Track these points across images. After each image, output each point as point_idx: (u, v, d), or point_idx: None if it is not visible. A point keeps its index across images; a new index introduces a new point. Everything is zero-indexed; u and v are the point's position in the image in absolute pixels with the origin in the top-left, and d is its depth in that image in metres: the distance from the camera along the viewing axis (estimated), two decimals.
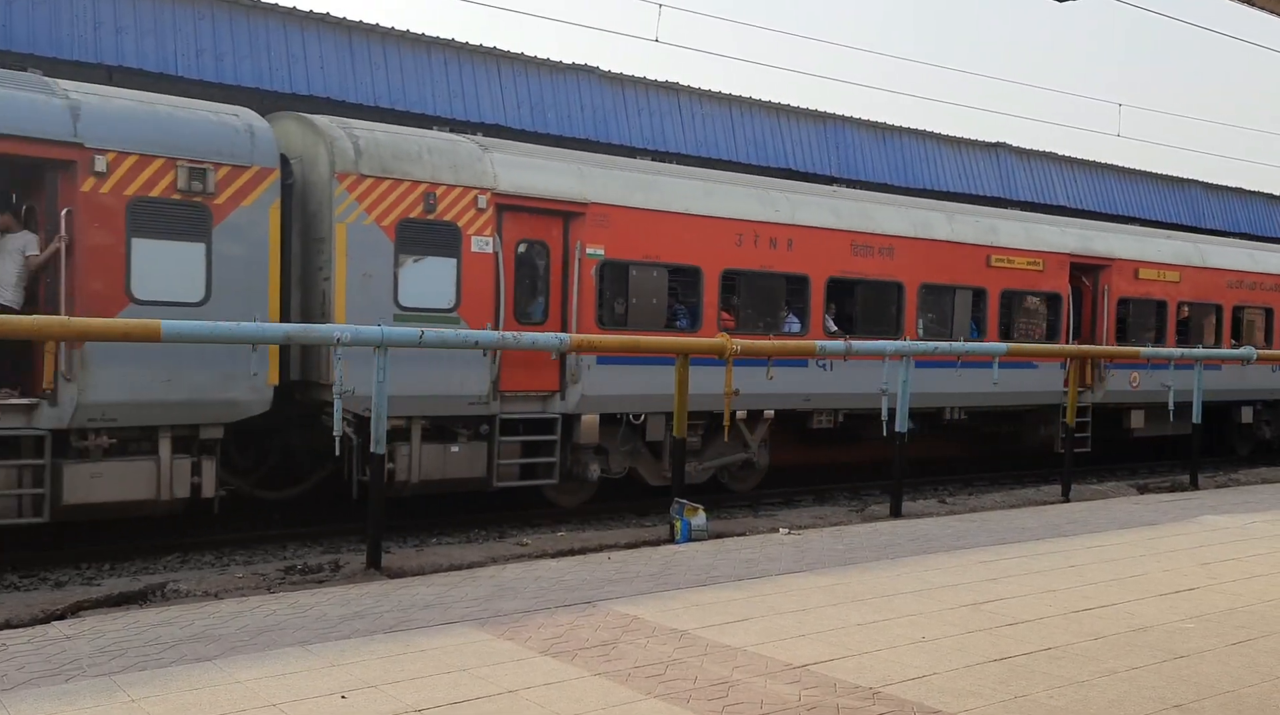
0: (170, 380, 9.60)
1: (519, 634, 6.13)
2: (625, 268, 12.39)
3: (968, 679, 5.49)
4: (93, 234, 9.28)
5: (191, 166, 9.71)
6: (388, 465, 10.01)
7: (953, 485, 16.64)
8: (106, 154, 9.34)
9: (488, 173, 11.50)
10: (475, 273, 11.32)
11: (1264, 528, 10.74)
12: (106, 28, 13.56)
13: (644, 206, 12.49)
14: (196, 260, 9.75)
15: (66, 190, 9.33)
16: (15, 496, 9.11)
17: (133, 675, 5.25)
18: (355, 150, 10.75)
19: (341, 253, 10.55)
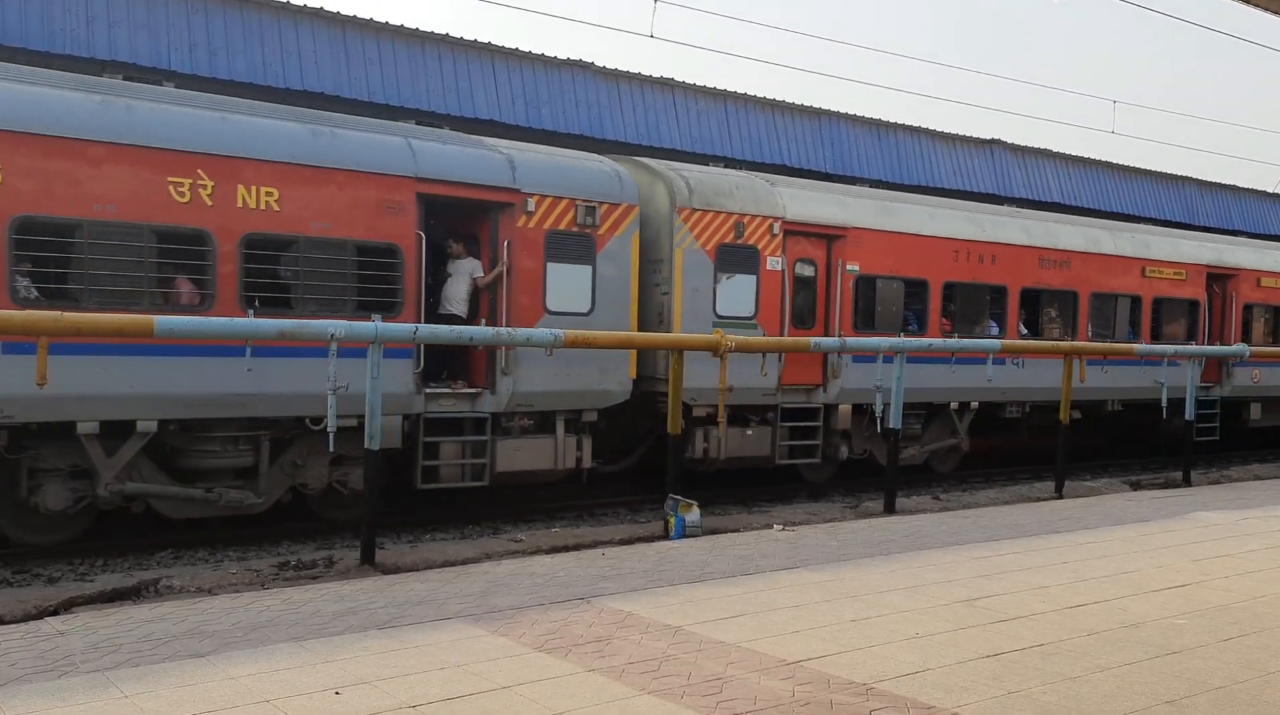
0: (568, 374, 12.16)
1: (513, 630, 6.13)
2: (874, 280, 14.73)
3: (961, 675, 5.50)
4: (523, 260, 11.94)
5: (585, 205, 12.32)
6: (700, 445, 13.34)
7: (946, 481, 16.68)
8: (534, 197, 12.01)
9: (779, 204, 13.99)
10: (769, 287, 13.83)
11: (1256, 524, 10.78)
12: (99, 22, 13.51)
13: (887, 229, 14.89)
14: (585, 279, 12.39)
15: (506, 225, 11.94)
16: (460, 466, 11.76)
17: (126, 671, 5.24)
18: (688, 188, 13.23)
19: (678, 272, 13.10)
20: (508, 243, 11.86)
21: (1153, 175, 26.93)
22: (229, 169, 10.00)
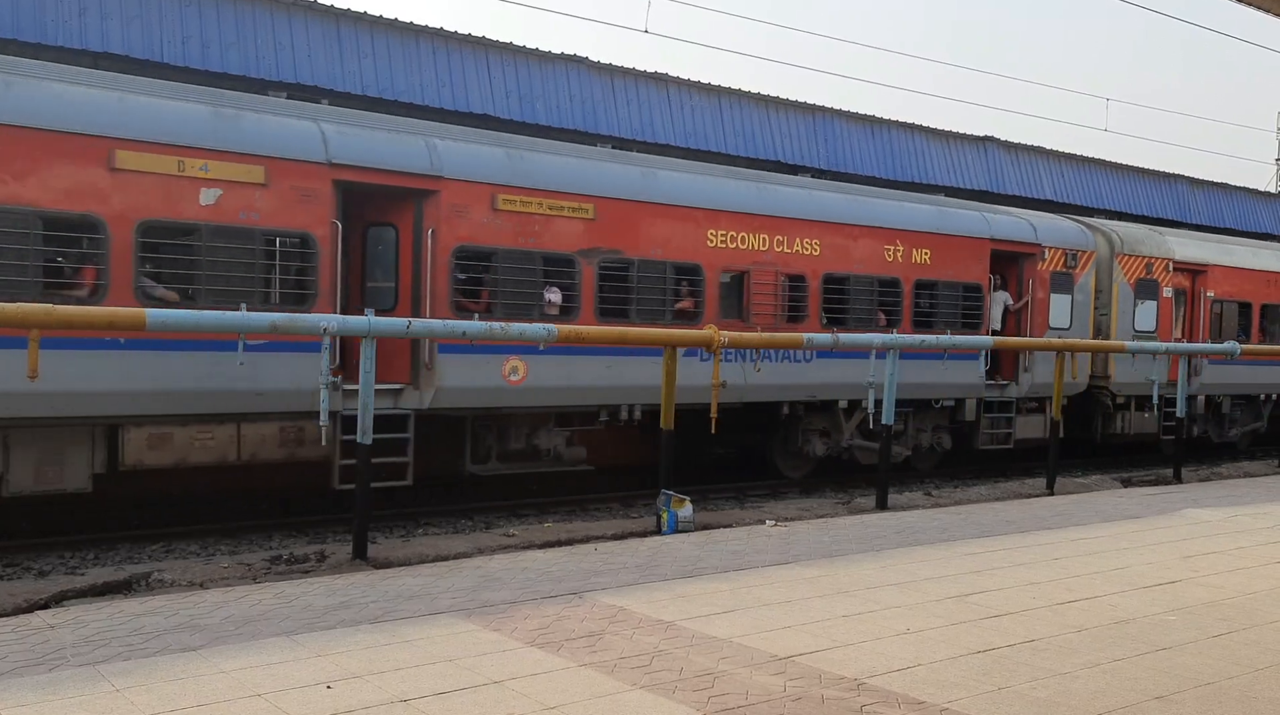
0: None
1: (505, 625, 6.13)
2: (1221, 303, 19.73)
3: (952, 670, 5.52)
4: (1038, 292, 16.77)
5: (1070, 253, 17.20)
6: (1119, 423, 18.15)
7: (938, 478, 16.71)
8: (1049, 248, 16.89)
9: (1169, 248, 18.91)
10: (1164, 309, 18.63)
11: (1246, 521, 10.82)
12: (92, 13, 13.45)
13: (1231, 264, 19.94)
14: (1068, 305, 17.15)
15: (1029, 269, 16.71)
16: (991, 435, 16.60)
17: (117, 665, 5.23)
18: (1120, 240, 18.20)
19: (1115, 299, 18.01)
20: (1030, 281, 16.76)
21: (1145, 173, 27.00)
22: None
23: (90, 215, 9.29)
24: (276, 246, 10.22)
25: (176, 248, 9.81)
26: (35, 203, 9.05)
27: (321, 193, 10.43)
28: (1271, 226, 30.07)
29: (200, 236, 9.81)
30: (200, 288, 9.84)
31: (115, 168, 9.40)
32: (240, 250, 9.99)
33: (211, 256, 9.86)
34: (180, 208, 9.72)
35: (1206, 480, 15.30)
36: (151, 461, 10.06)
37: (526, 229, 11.69)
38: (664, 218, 12.76)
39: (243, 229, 9.99)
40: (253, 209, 10.07)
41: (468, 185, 11.28)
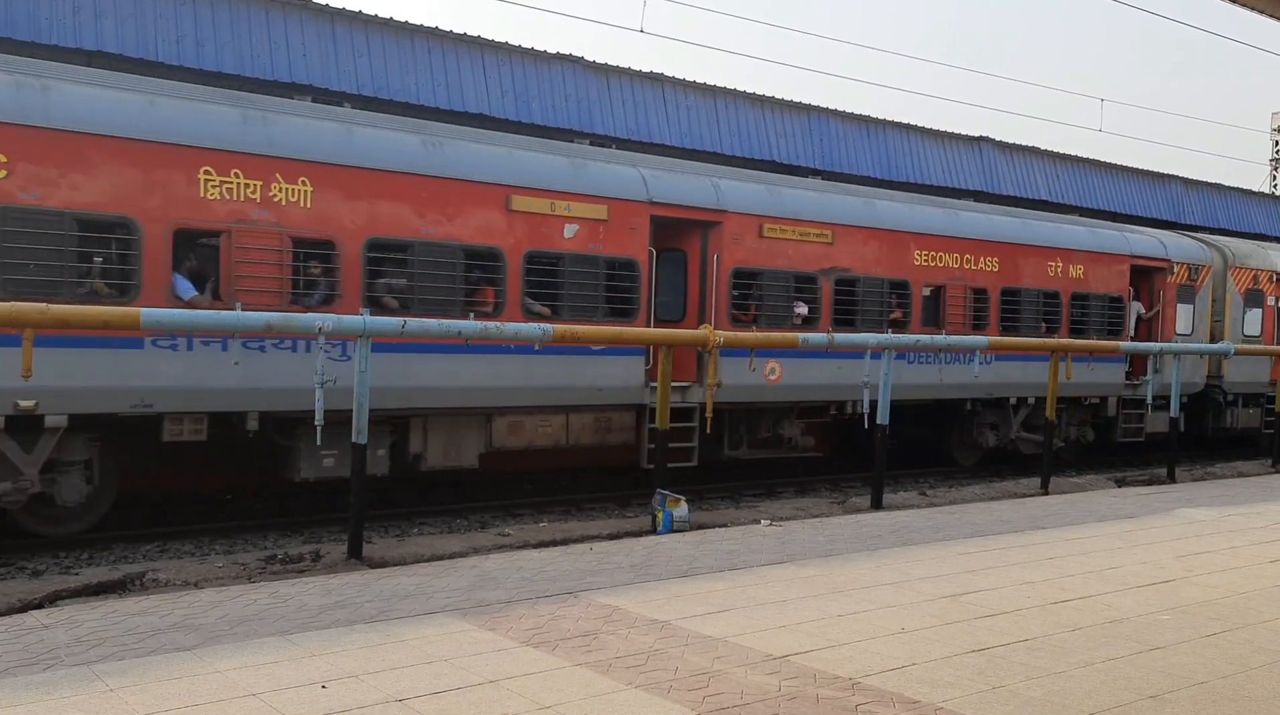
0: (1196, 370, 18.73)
1: (500, 624, 6.13)
2: None
3: (946, 670, 5.53)
4: (1167, 303, 18.93)
5: (1193, 266, 19.20)
6: None
7: (933, 477, 16.73)
8: (1178, 264, 18.98)
9: (1274, 262, 21.06)
10: (1267, 317, 20.82)
11: (1239, 521, 10.85)
12: (86, 12, 13.42)
13: None
14: (1190, 313, 19.18)
15: (1160, 282, 18.89)
16: None
17: (111, 665, 5.22)
18: (1233, 254, 20.32)
19: (1228, 307, 20.02)
20: (1160, 292, 18.84)
21: (1139, 173, 27.05)
22: None
23: (495, 248, 11.58)
24: (613, 270, 12.49)
25: (547, 272, 11.95)
26: (459, 238, 11.31)
27: (643, 226, 12.72)
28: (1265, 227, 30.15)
29: (564, 263, 12.11)
30: (563, 304, 12.07)
31: (511, 209, 11.67)
32: (589, 273, 12.28)
33: (570, 278, 12.10)
34: (552, 240, 11.98)
35: (1200, 480, 15.34)
36: (510, 444, 12.50)
37: (783, 252, 13.96)
38: (882, 241, 15.01)
39: (591, 256, 12.28)
40: (598, 240, 12.35)
41: (743, 217, 13.58)
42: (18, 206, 8.99)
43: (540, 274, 11.88)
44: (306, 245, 10.40)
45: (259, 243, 10.10)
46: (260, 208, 10.13)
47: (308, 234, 10.40)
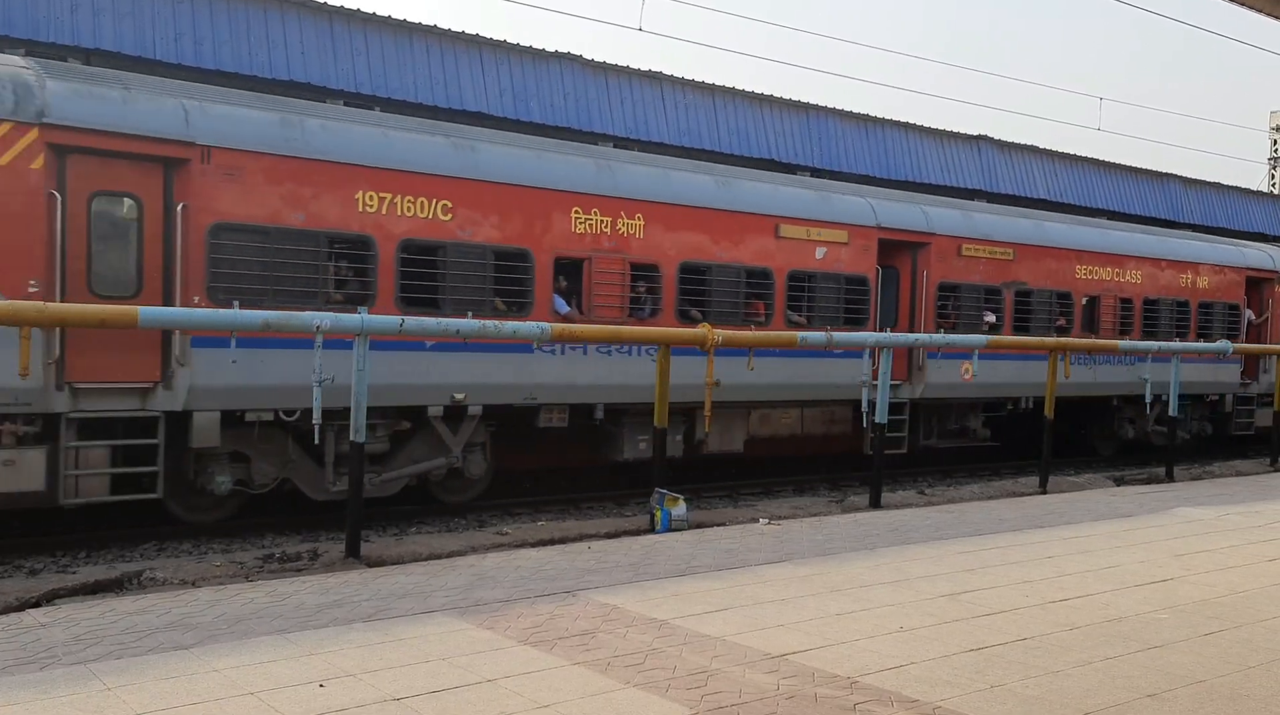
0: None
1: (498, 623, 6.13)
2: None
3: (944, 668, 5.53)
4: (1276, 309, 20.58)
5: None
6: None
7: (931, 476, 16.74)
8: None
9: None
10: None
11: (1237, 520, 10.86)
12: (84, 10, 13.40)
13: None
14: None
15: (1269, 291, 20.60)
16: None
17: (108, 663, 5.21)
18: None
19: None
20: (1269, 300, 21.00)
21: (1138, 172, 27.05)
22: None
23: (767, 268, 13.86)
24: (850, 285, 14.76)
25: (802, 287, 14.28)
26: (742, 260, 13.65)
27: (872, 247, 14.96)
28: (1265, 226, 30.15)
29: (815, 279, 14.30)
30: (814, 315, 14.28)
31: (779, 236, 13.97)
32: (832, 288, 14.57)
33: (820, 293, 14.39)
34: (807, 261, 14.28)
35: (1198, 478, 15.34)
36: (762, 433, 14.55)
37: (976, 268, 16.23)
38: (1051, 258, 17.31)
39: (834, 274, 14.55)
40: (840, 260, 14.62)
41: (945, 238, 15.88)
42: (457, 242, 11.44)
43: (797, 289, 14.23)
44: (640, 269, 12.84)
45: (609, 267, 12.52)
46: (610, 239, 12.54)
47: (641, 260, 12.82)
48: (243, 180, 10.14)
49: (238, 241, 10.12)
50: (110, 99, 9.68)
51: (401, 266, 11.04)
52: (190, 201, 9.87)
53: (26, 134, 9.14)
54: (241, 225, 10.14)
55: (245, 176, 10.14)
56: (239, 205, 10.13)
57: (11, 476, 9.15)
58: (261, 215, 10.25)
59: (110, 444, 9.65)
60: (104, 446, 9.61)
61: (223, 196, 10.04)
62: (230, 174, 10.07)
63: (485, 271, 11.53)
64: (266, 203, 10.28)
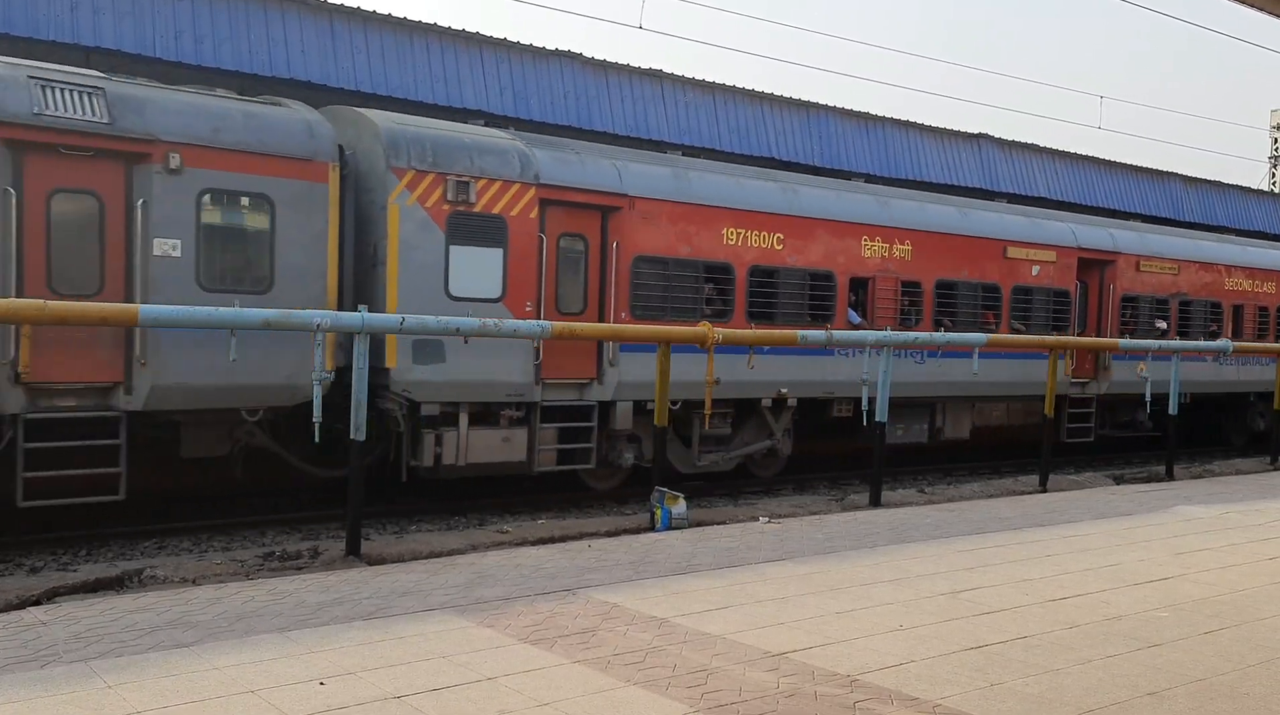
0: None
1: (499, 621, 6.13)
2: None
3: (944, 667, 5.53)
4: None
5: None
6: None
7: (932, 475, 16.74)
8: None
9: None
10: None
11: (1237, 518, 10.86)
12: (84, 8, 13.38)
13: None
14: None
15: None
16: None
17: (109, 661, 5.22)
18: None
19: None
20: None
21: (1138, 170, 27.03)
22: None
23: (996, 284, 16.51)
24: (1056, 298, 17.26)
25: (1023, 300, 16.83)
26: (978, 278, 16.29)
27: (1072, 265, 17.56)
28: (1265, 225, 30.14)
29: (1033, 293, 17.01)
30: (1032, 324, 16.86)
31: (1006, 257, 16.60)
32: (1043, 300, 17.20)
33: (1035, 304, 17.06)
34: (1025, 278, 16.90)
35: (1198, 477, 15.34)
36: (981, 423, 16.94)
37: (1150, 282, 18.88)
38: (1206, 272, 19.95)
39: (1045, 288, 17.23)
40: (1049, 276, 17.21)
41: (1128, 256, 18.50)
42: (786, 267, 14.05)
43: (1018, 302, 16.80)
44: (907, 286, 15.38)
45: (886, 285, 15.15)
46: (886, 262, 15.15)
47: (908, 278, 15.37)
48: (653, 222, 12.92)
49: (649, 269, 12.89)
50: (573, 163, 12.46)
51: (750, 287, 13.78)
52: (620, 239, 12.63)
53: (529, 191, 11.90)
54: (652, 257, 12.91)
55: (654, 219, 12.94)
56: (650, 241, 12.90)
57: (506, 450, 12.03)
58: (663, 248, 13.02)
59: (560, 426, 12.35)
60: (556, 428, 12.33)
61: (640, 235, 12.80)
62: (645, 217, 12.86)
63: (803, 290, 14.31)
64: (666, 238, 13.04)
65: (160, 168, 9.72)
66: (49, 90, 9.35)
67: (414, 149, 11.23)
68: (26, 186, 9.21)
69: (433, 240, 11.28)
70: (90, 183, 9.55)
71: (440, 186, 11.30)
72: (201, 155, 9.93)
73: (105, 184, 9.59)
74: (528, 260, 11.87)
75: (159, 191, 9.72)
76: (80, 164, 9.50)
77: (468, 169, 11.51)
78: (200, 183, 9.96)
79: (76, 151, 9.43)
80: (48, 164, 9.33)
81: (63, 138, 9.30)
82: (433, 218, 11.30)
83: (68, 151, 9.39)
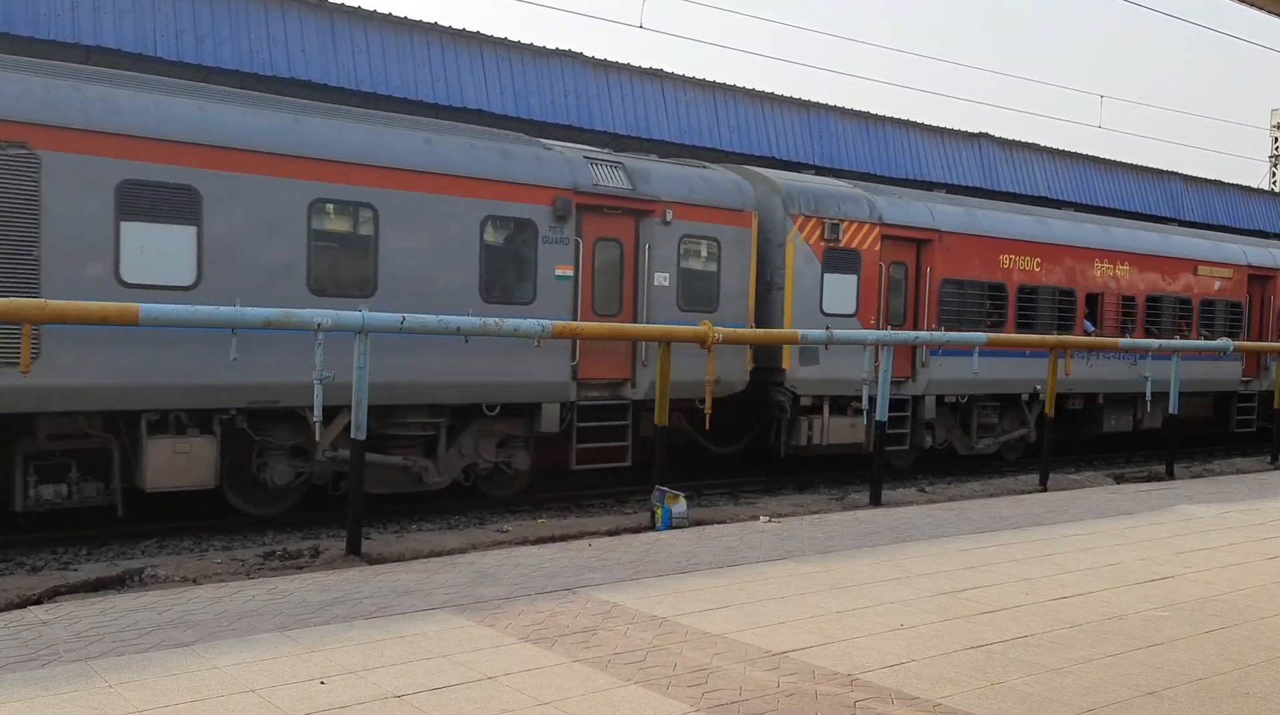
0: None
1: (499, 620, 6.13)
2: None
3: (945, 666, 5.53)
4: None
5: None
6: None
7: (932, 474, 16.74)
8: None
9: None
10: None
11: (1237, 517, 10.86)
12: (84, 7, 13.39)
13: None
14: None
15: None
16: None
17: (110, 660, 5.22)
18: None
19: None
20: None
21: (1138, 170, 27.03)
22: None
23: (1188, 297, 19.37)
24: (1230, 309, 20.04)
25: (1208, 311, 19.57)
26: (1175, 293, 19.19)
27: (1243, 281, 20.40)
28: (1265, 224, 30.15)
29: (1214, 306, 19.76)
30: (1215, 331, 19.32)
31: (1197, 274, 19.50)
32: (1223, 311, 20.10)
33: (1217, 314, 19.85)
34: (1209, 292, 19.69)
35: (1199, 476, 15.34)
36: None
37: None
38: None
39: (1222, 300, 19.89)
40: (1226, 291, 20.06)
41: None
42: (1042, 285, 17.16)
43: (1205, 312, 19.30)
44: (1125, 300, 18.37)
45: (1112, 300, 18.15)
46: (1111, 279, 18.13)
47: (1126, 293, 18.39)
48: (954, 251, 15.96)
49: (951, 289, 15.96)
50: (900, 206, 15.55)
51: (1018, 302, 16.81)
52: (931, 265, 15.71)
53: (875, 230, 14.98)
54: (953, 279, 15.96)
55: (954, 249, 15.97)
56: (952, 266, 15.97)
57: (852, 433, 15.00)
58: (961, 272, 16.07)
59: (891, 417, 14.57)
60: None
61: (945, 262, 15.87)
62: (948, 248, 15.88)
63: (1053, 304, 17.24)
64: (962, 264, 16.09)
65: (659, 220, 12.94)
66: (596, 166, 12.56)
67: (802, 200, 14.34)
68: (584, 236, 12.38)
69: (813, 269, 14.43)
70: (616, 232, 12.78)
71: (820, 228, 14.41)
72: (682, 210, 13.11)
73: (625, 233, 12.82)
74: (872, 284, 15.07)
75: (657, 238, 12.97)
76: (611, 219, 12.69)
77: (836, 213, 14.61)
78: (681, 231, 13.15)
79: (611, 211, 12.62)
80: (595, 220, 12.53)
81: (607, 200, 12.48)
82: (814, 252, 14.40)
83: (608, 210, 12.57)
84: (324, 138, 10.67)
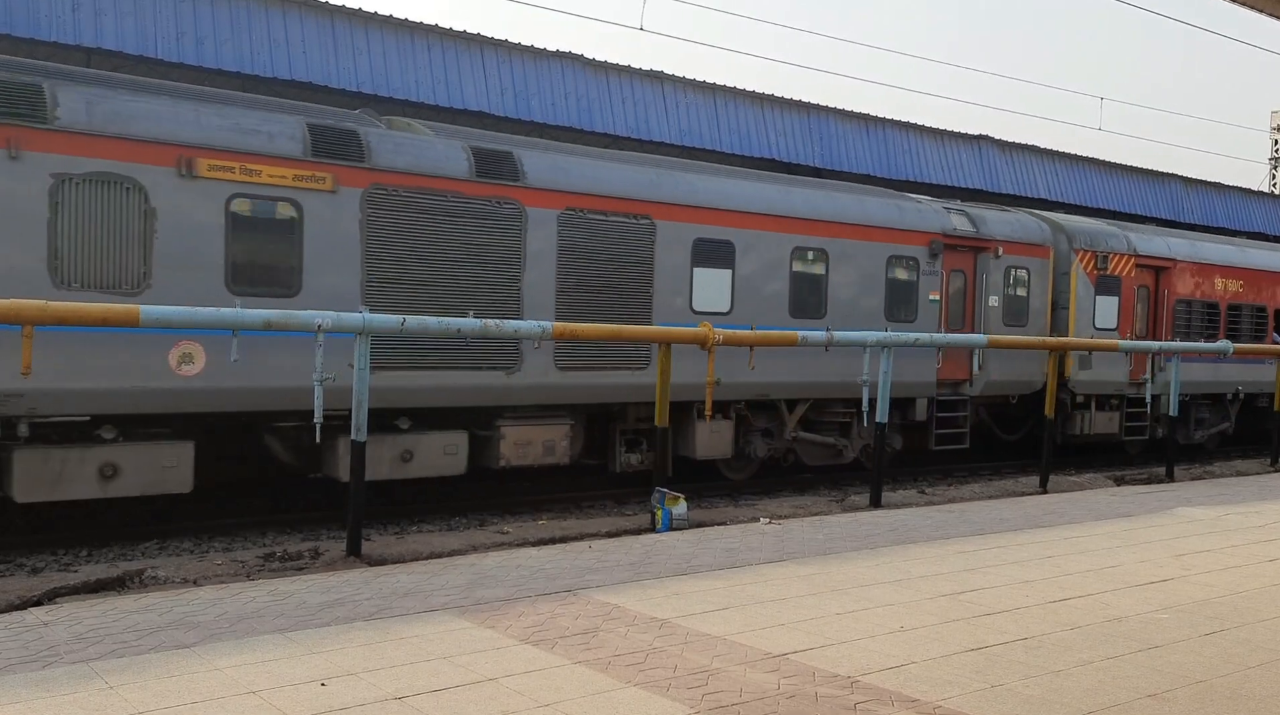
0: None
1: (499, 622, 6.13)
2: None
3: (945, 668, 5.54)
4: None
5: None
6: None
7: (932, 476, 16.74)
8: None
9: None
10: None
11: (1237, 520, 10.86)
12: (85, 9, 13.40)
13: None
14: None
15: None
16: None
17: (110, 662, 5.22)
18: None
19: None
20: None
21: (1138, 172, 27.04)
22: None
23: (1264, 306, 21.17)
24: None
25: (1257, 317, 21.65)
26: (1254, 302, 20.86)
27: None
28: (1265, 226, 30.16)
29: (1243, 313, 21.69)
30: None
31: None
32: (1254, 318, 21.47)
33: None
34: None
35: (1199, 478, 15.34)
36: None
37: None
38: None
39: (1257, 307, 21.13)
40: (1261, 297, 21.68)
41: None
42: (1243, 303, 20.56)
43: None
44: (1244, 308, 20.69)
45: (1240, 311, 20.47)
46: (1244, 294, 20.49)
47: (1242, 302, 20.61)
48: (1183, 276, 19.17)
49: (1181, 307, 19.08)
50: (1146, 240, 18.77)
51: (1227, 318, 20.02)
52: (1168, 288, 18.94)
53: (1131, 260, 18.42)
54: (1183, 299, 19.11)
55: (1184, 274, 19.18)
56: (1183, 289, 19.21)
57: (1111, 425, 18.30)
58: (1188, 293, 19.30)
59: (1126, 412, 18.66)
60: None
61: (1178, 285, 19.15)
62: (1180, 273, 19.07)
63: (1252, 318, 20.45)
64: (1189, 287, 19.32)
65: (991, 255, 16.34)
66: (952, 214, 16.15)
67: (1082, 237, 17.68)
68: (944, 267, 15.81)
69: (1088, 292, 17.79)
70: (962, 265, 16.23)
71: (1094, 259, 17.76)
72: (1007, 247, 16.61)
73: (968, 266, 16.33)
74: (1129, 303, 18.39)
75: (990, 269, 16.38)
76: (960, 255, 16.18)
77: (1105, 247, 17.95)
78: (1006, 263, 16.61)
79: (962, 249, 16.09)
80: (950, 256, 15.98)
81: (961, 241, 15.97)
82: (1089, 278, 17.77)
83: (960, 249, 16.03)
84: (800, 202, 14.30)
